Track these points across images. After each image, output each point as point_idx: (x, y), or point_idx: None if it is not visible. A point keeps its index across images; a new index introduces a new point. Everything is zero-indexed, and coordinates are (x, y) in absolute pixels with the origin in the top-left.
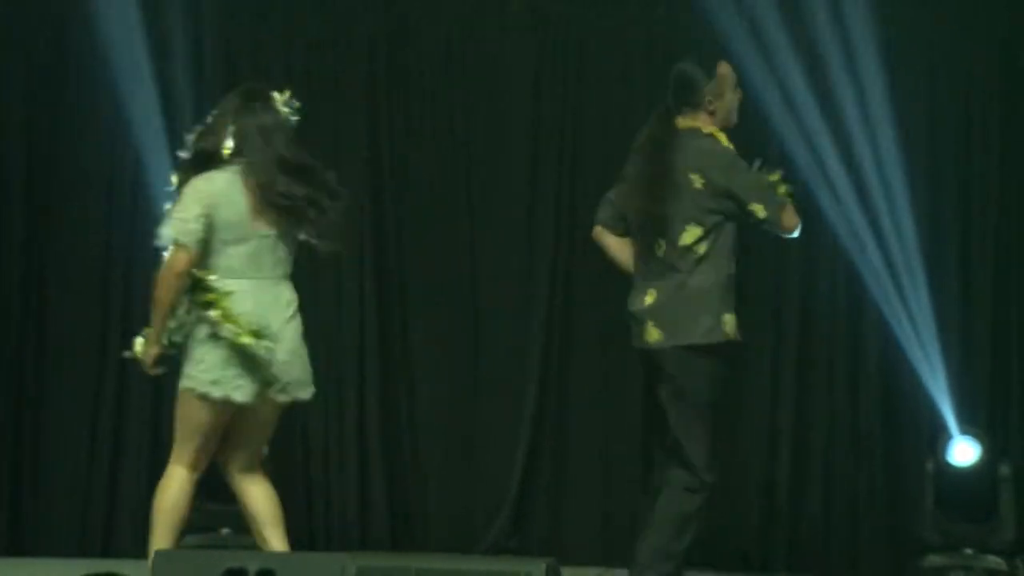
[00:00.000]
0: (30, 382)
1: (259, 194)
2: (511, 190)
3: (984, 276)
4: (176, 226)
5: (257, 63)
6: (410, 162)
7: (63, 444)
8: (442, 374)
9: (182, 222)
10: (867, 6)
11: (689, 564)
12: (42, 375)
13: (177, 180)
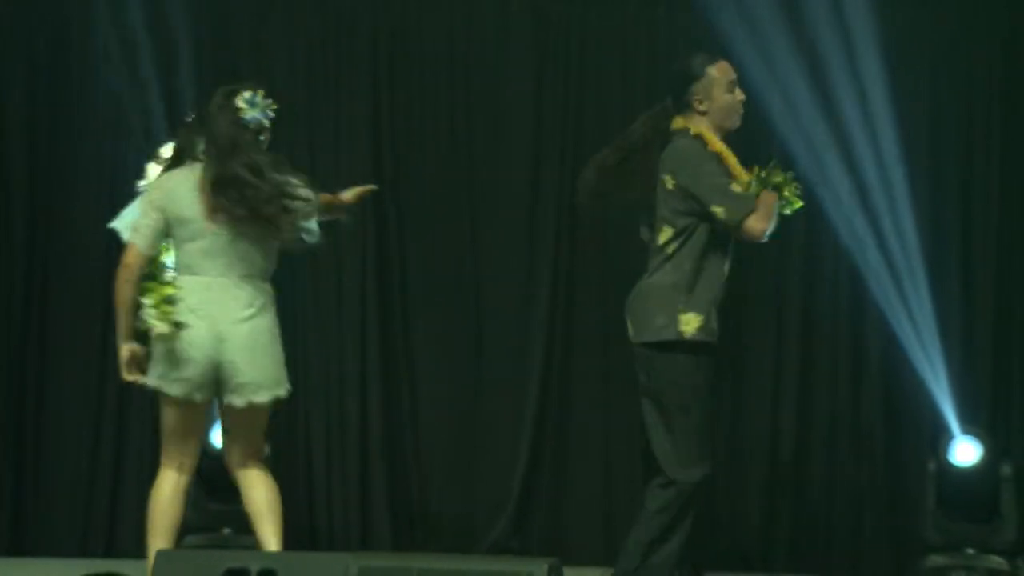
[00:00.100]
0: (32, 382)
1: (211, 192)
2: (512, 190)
3: (985, 276)
4: (129, 222)
5: (259, 62)
6: (411, 163)
7: (65, 444)
8: (443, 374)
9: (134, 219)
10: (868, 5)
11: (688, 564)
12: (44, 375)
13: (149, 177)
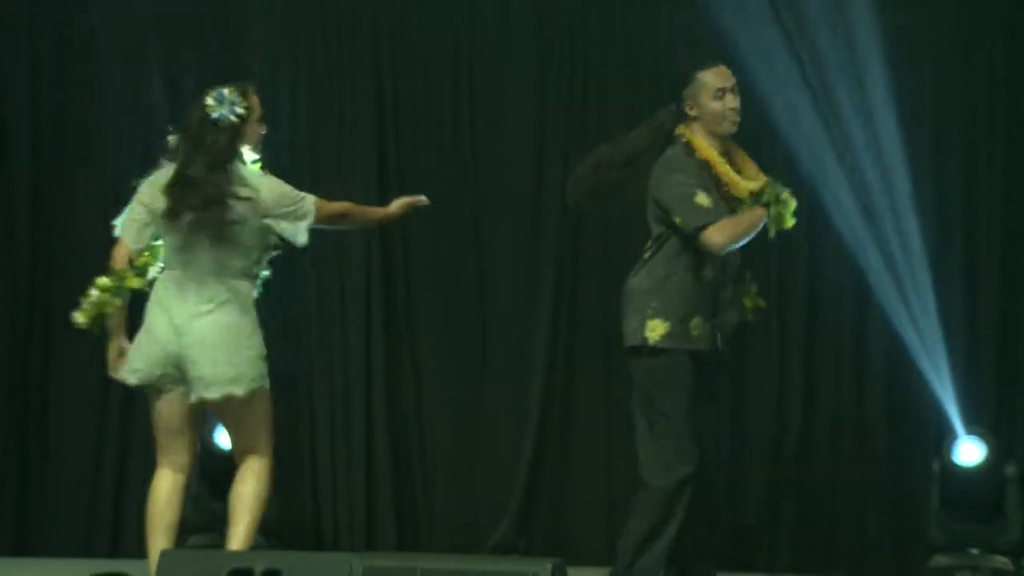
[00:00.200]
0: (35, 382)
1: (167, 190)
2: (515, 189)
3: (989, 275)
4: (122, 219)
5: (262, 62)
6: (414, 163)
7: (69, 444)
8: (448, 375)
9: (124, 214)
10: (870, 5)
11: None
12: (47, 375)
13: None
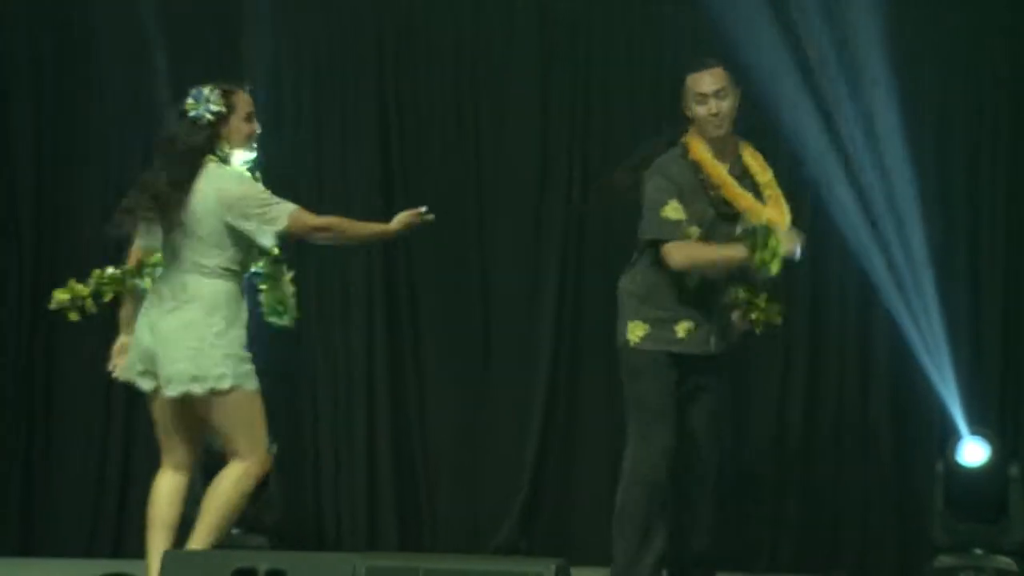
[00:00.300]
0: (39, 382)
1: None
2: (519, 188)
3: (993, 276)
4: None
5: (265, 61)
6: (418, 162)
7: (73, 444)
8: (451, 375)
9: None
10: (874, 4)
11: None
12: (52, 376)
13: None
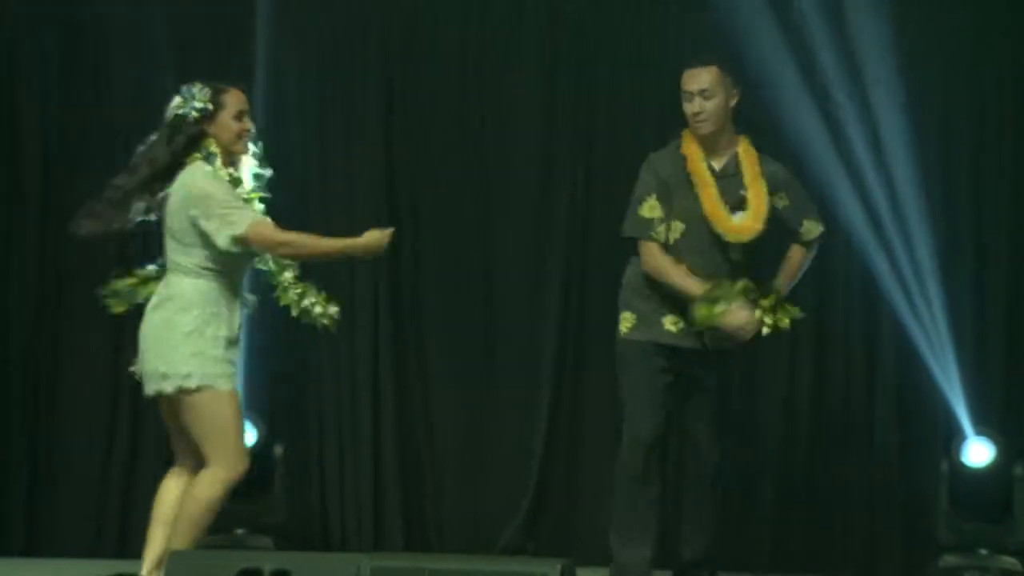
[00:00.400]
0: (45, 383)
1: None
2: (524, 188)
3: (998, 276)
4: None
5: (270, 61)
6: (423, 163)
7: (78, 445)
8: (456, 376)
9: None
10: (877, 5)
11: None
12: (57, 376)
13: None
